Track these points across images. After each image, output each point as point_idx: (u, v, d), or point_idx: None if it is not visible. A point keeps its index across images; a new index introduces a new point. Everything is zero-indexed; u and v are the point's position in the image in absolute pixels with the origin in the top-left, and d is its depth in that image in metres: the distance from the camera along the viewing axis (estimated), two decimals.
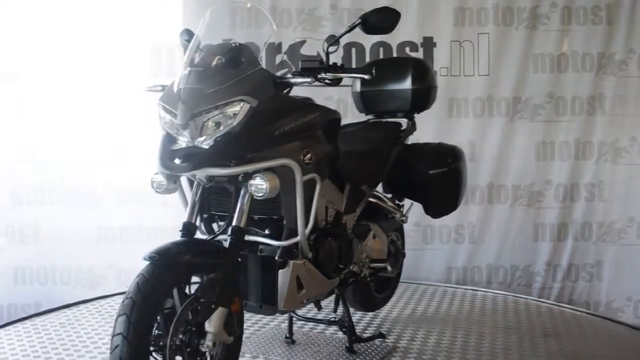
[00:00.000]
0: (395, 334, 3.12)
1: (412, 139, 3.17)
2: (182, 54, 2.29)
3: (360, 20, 2.28)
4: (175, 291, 2.00)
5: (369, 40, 4.21)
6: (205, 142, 2.04)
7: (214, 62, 2.12)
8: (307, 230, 2.26)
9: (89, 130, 4.21)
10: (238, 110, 2.04)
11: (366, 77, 2.22)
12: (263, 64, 2.48)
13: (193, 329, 1.99)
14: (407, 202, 3.17)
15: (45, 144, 4.23)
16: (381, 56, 4.25)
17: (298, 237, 2.25)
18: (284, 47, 4.24)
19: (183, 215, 2.31)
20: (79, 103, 4.21)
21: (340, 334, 2.96)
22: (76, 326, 3.25)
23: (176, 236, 4.21)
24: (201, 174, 2.11)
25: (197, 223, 2.31)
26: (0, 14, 4.24)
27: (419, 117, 3.02)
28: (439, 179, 2.96)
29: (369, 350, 2.87)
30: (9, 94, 4.24)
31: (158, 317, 1.95)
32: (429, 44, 4.28)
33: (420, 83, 2.98)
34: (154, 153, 2.15)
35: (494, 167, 4.36)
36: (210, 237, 2.27)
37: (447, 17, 4.26)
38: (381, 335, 2.98)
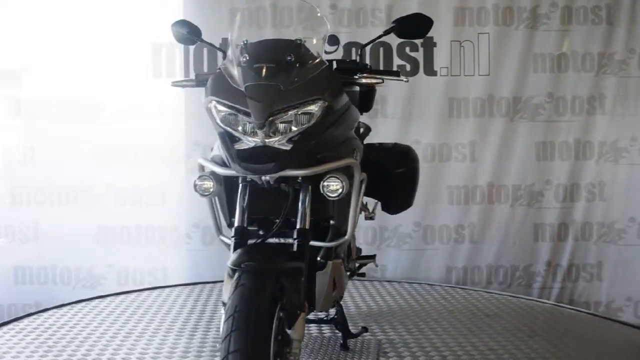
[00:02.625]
0: (391, 332, 3.14)
1: (410, 139, 3.19)
2: (178, 46, 2.24)
3: (395, 25, 2.31)
4: None
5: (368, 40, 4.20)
6: (278, 142, 1.98)
7: (284, 59, 2.07)
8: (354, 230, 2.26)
9: (89, 130, 4.21)
10: (315, 109, 2.01)
11: (404, 80, 2.23)
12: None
13: (279, 337, 1.91)
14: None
15: (45, 144, 4.23)
16: (381, 56, 4.25)
17: (346, 237, 2.22)
18: None
19: (205, 217, 2.28)
20: (79, 103, 4.21)
21: (314, 331, 3.00)
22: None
23: (177, 237, 4.26)
24: (277, 175, 2.02)
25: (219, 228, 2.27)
26: (1, 14, 4.25)
27: (419, 117, 3.01)
28: (402, 178, 2.98)
29: (362, 347, 2.89)
30: (9, 93, 4.25)
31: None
32: (429, 44, 4.27)
33: (366, 85, 2.99)
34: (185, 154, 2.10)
35: (494, 167, 4.35)
36: (260, 240, 2.16)
37: (447, 17, 4.25)
38: (365, 330, 2.98)
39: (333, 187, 2.04)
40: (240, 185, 2.12)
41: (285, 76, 2.02)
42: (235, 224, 2.10)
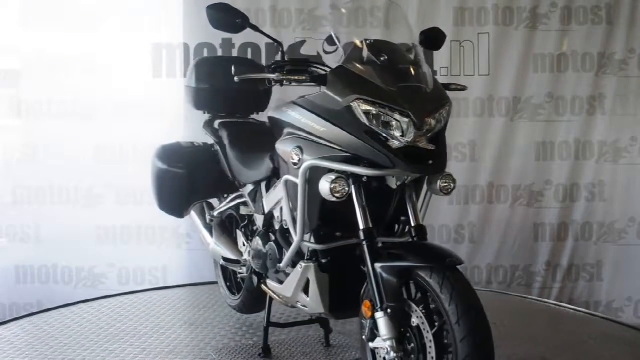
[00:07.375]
0: None
1: None
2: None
3: (422, 38, 2.39)
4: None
5: None
6: (423, 143, 2.02)
7: (417, 62, 2.15)
8: None
9: (90, 130, 4.22)
10: (447, 111, 2.11)
11: (465, 88, 2.36)
12: None
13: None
14: None
15: (46, 144, 4.24)
16: None
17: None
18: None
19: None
20: (80, 103, 4.22)
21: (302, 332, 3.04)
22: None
23: (177, 237, 4.26)
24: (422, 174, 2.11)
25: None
26: (1, 13, 4.26)
27: None
28: None
29: (347, 344, 2.90)
30: (9, 93, 4.26)
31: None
32: None
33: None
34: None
35: (494, 167, 4.36)
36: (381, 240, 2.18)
37: (447, 17, 4.26)
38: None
39: (449, 185, 2.16)
40: (355, 186, 2.09)
41: (423, 79, 2.11)
42: (362, 226, 2.08)
